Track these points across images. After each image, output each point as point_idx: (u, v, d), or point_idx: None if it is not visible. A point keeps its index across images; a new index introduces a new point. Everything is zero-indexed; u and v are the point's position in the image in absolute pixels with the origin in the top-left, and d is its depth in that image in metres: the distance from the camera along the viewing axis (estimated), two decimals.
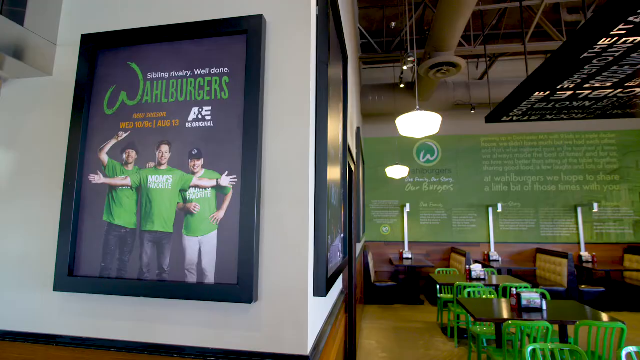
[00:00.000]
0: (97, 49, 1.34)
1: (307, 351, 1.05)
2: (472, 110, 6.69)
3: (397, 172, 6.12)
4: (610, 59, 2.81)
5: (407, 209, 7.14)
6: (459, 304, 3.47)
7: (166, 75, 1.27)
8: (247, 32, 1.21)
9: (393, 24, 5.99)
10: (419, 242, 7.27)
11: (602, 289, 5.89)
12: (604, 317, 2.90)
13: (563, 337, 3.17)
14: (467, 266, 4.79)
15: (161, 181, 1.19)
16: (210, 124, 1.20)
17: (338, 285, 1.94)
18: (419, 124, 2.87)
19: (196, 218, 1.15)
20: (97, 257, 1.20)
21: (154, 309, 1.15)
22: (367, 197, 7.44)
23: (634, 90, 3.52)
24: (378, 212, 7.41)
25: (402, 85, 6.35)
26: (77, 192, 1.24)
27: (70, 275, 1.19)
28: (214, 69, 1.23)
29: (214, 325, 1.11)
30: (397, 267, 6.87)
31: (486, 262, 6.61)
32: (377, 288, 6.28)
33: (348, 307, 2.73)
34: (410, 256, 6.58)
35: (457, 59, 4.82)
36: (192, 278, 1.12)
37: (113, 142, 1.26)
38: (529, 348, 2.16)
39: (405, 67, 4.68)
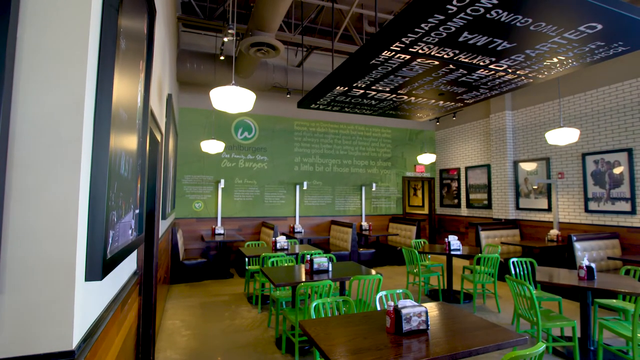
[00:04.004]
0: None
1: (73, 345, 0.90)
2: (288, 94, 7.15)
3: (212, 147, 5.94)
4: (390, 68, 3.50)
5: (222, 184, 7.10)
6: (263, 274, 3.73)
7: None
8: None
9: None
10: (232, 218, 7.38)
11: (373, 250, 7.52)
12: (373, 272, 3.69)
13: (342, 291, 3.88)
14: (274, 238, 5.18)
15: None
16: None
17: (129, 266, 1.74)
18: (233, 99, 2.84)
19: None
20: None
21: None
22: (180, 171, 6.97)
23: (403, 97, 4.52)
24: (191, 188, 7.07)
25: (222, 58, 6.14)
26: None
27: None
28: None
29: None
30: (208, 243, 6.78)
31: (292, 233, 7.35)
32: (186, 266, 6.05)
33: (144, 289, 2.50)
34: (222, 232, 6.59)
35: (276, 42, 5.00)
36: None
37: None
38: (314, 304, 2.54)
39: (225, 39, 4.54)
